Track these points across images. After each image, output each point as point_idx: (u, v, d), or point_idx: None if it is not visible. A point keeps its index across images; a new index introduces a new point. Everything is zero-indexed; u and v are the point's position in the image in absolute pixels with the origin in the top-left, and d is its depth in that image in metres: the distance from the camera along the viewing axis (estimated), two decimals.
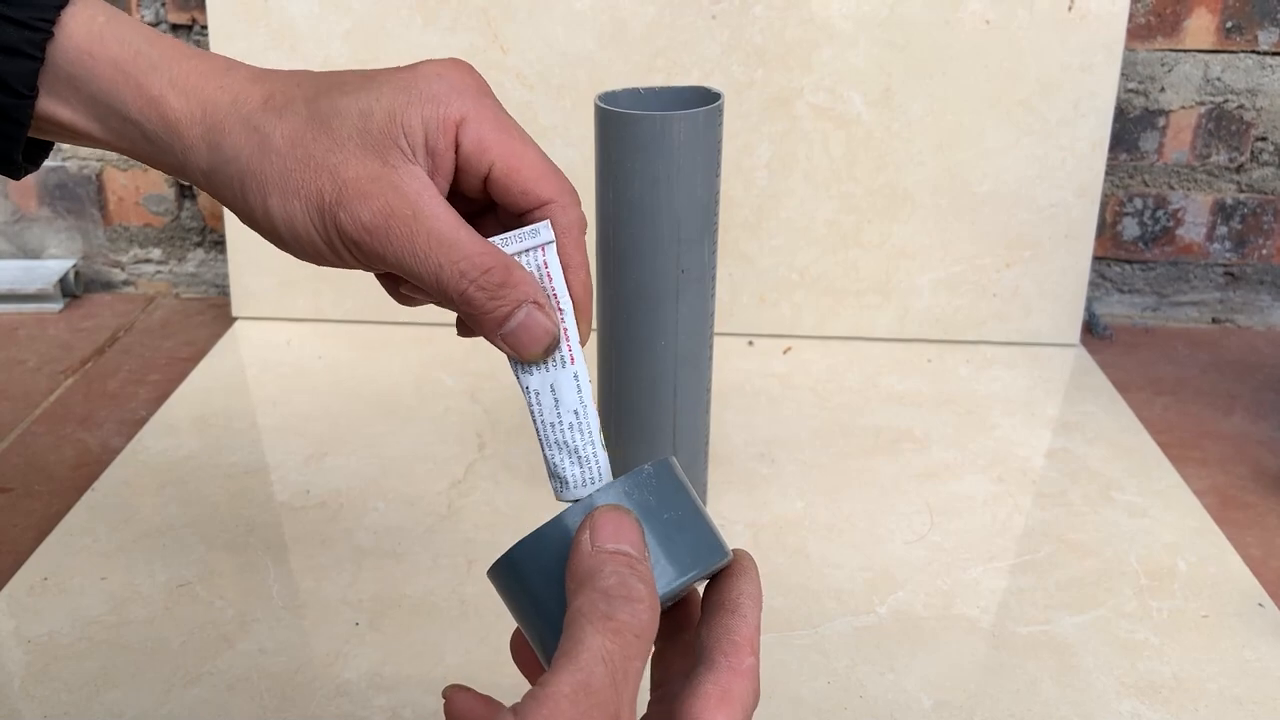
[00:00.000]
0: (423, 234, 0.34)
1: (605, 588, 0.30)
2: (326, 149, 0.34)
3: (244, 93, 0.35)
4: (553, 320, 0.35)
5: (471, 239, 0.34)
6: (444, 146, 0.34)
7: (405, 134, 0.34)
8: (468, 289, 0.34)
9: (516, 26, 0.83)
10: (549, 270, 0.36)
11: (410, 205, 0.34)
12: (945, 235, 0.86)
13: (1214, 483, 0.72)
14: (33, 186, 0.98)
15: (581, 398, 0.36)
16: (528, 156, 0.35)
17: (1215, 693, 0.53)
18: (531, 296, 0.35)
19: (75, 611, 0.58)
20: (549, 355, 0.36)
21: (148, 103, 0.35)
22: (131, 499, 0.68)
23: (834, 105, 0.83)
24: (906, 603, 0.59)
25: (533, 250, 0.36)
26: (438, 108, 0.34)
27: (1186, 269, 0.96)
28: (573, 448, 0.36)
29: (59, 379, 0.85)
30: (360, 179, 0.34)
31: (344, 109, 0.34)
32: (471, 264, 0.34)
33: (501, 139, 0.35)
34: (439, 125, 0.34)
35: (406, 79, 0.35)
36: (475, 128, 0.35)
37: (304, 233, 0.35)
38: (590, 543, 0.31)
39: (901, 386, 0.82)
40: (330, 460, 0.72)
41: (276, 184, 0.34)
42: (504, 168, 0.35)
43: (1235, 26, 0.88)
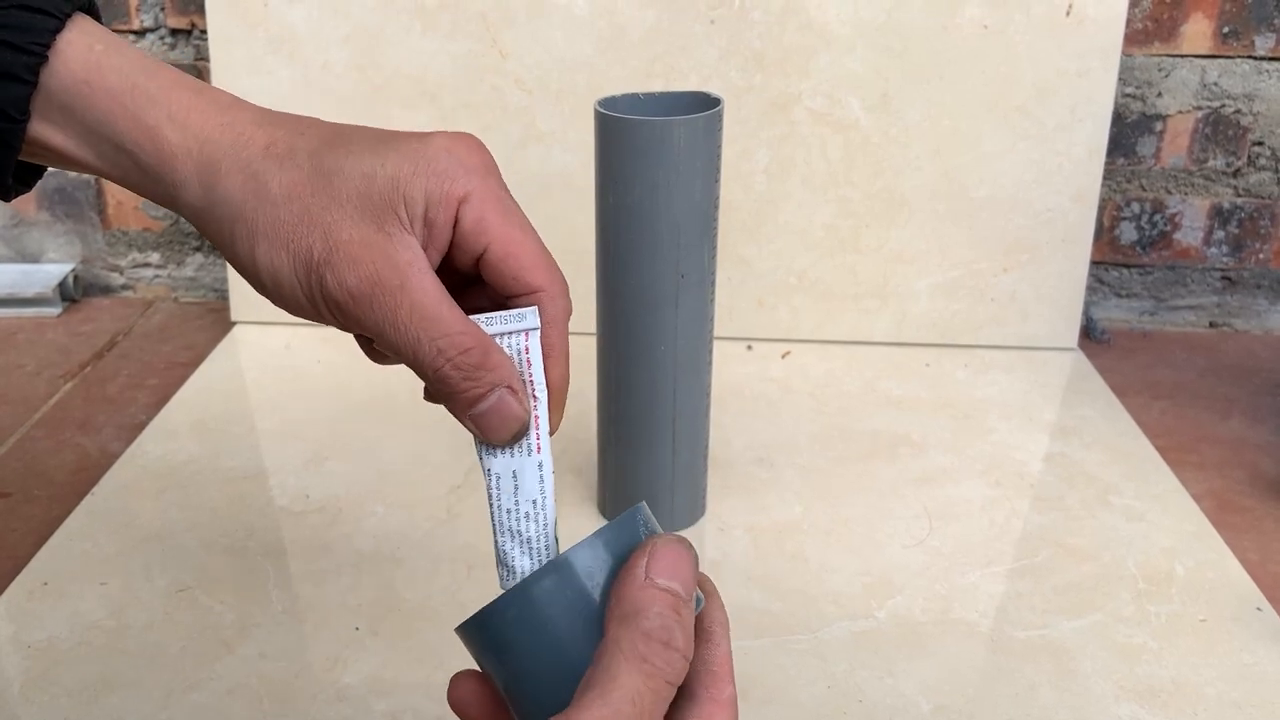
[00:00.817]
0: (406, 306, 0.33)
1: (648, 629, 0.29)
2: (323, 206, 0.34)
3: (246, 135, 0.35)
4: (524, 407, 0.35)
5: (454, 316, 0.34)
6: (443, 221, 0.34)
7: (406, 203, 0.34)
8: (443, 366, 0.34)
9: (515, 32, 0.83)
10: (529, 357, 0.35)
11: (399, 275, 0.33)
12: (943, 240, 0.87)
13: (1211, 487, 0.72)
14: (32, 191, 0.98)
15: (542, 488, 0.35)
16: (525, 243, 0.35)
17: (1213, 697, 0.53)
18: (506, 381, 0.34)
19: (75, 616, 0.58)
20: (516, 441, 0.35)
21: (143, 134, 0.35)
22: (131, 504, 0.68)
23: (832, 110, 0.84)
24: (905, 607, 0.59)
25: (516, 334, 0.35)
26: (442, 182, 0.34)
27: (1184, 273, 0.97)
28: (525, 538, 0.35)
29: (58, 383, 0.85)
30: (352, 242, 0.33)
31: (348, 169, 0.34)
32: (450, 342, 0.34)
33: (501, 222, 0.35)
34: (441, 199, 0.34)
35: (416, 148, 0.34)
36: (477, 207, 0.34)
37: (288, 286, 0.34)
38: (645, 572, 0.31)
39: (899, 391, 0.83)
40: (329, 465, 0.72)
41: (266, 233, 0.34)
42: (499, 252, 0.35)
43: (1232, 31, 0.88)
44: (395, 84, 0.84)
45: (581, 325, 0.74)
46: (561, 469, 0.71)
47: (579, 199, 0.86)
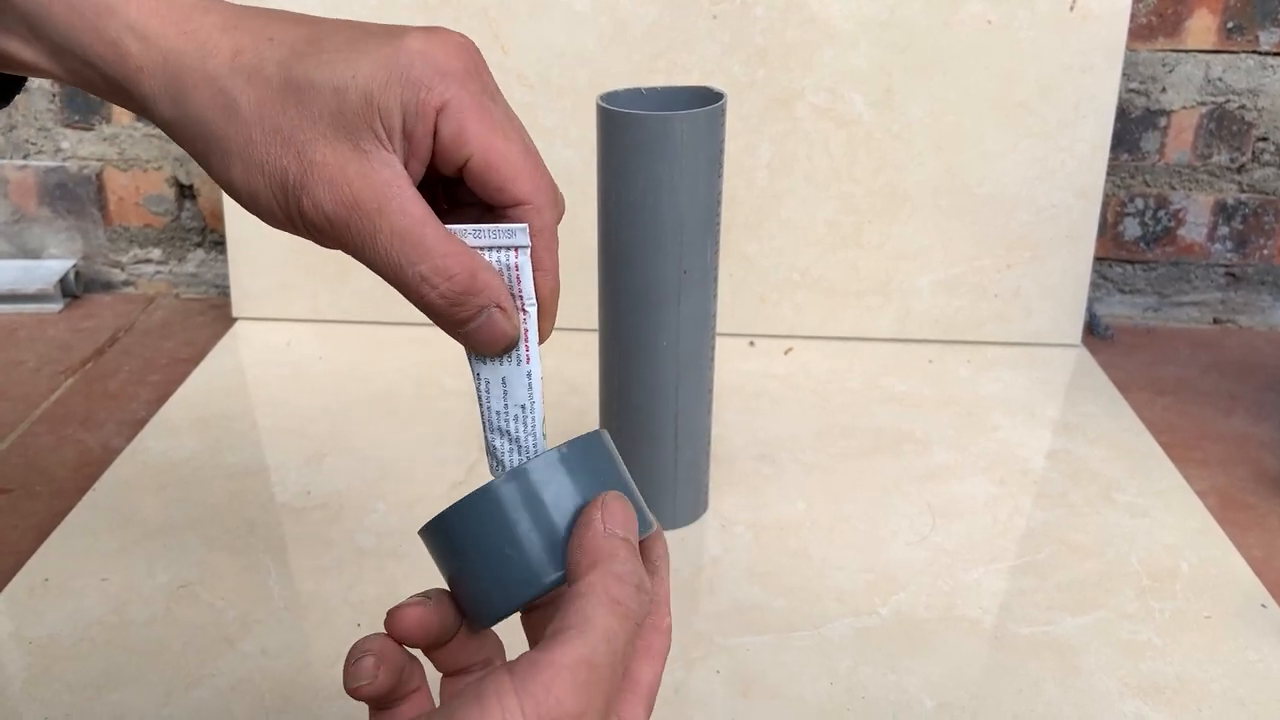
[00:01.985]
0: (385, 230, 0.32)
1: (620, 573, 0.30)
2: (295, 124, 0.32)
3: (211, 42, 0.33)
4: (514, 324, 0.34)
5: (438, 238, 0.33)
6: (422, 133, 0.32)
7: (381, 117, 0.32)
8: (428, 294, 0.33)
9: (517, 27, 0.82)
10: (519, 273, 0.34)
11: (377, 198, 0.32)
12: (946, 236, 0.86)
13: (1215, 483, 0.72)
14: (33, 187, 0.98)
15: (531, 395, 0.35)
16: (509, 152, 0.33)
17: (1218, 694, 0.53)
18: (495, 300, 0.34)
19: (76, 613, 0.58)
20: (506, 353, 0.35)
21: (106, 47, 0.32)
22: (132, 500, 0.68)
23: (835, 106, 0.83)
24: (908, 604, 0.59)
25: (505, 249, 0.34)
26: (418, 91, 0.32)
27: (1188, 269, 0.96)
28: (514, 436, 0.35)
29: (59, 379, 0.85)
30: (328, 163, 0.32)
31: (319, 82, 0.32)
32: (434, 268, 0.32)
33: (481, 130, 0.33)
34: (417, 110, 0.32)
35: (388, 54, 0.32)
36: (455, 116, 0.32)
37: (265, 205, 0.33)
38: (604, 524, 0.32)
39: (902, 387, 0.82)
40: (331, 461, 0.71)
41: (240, 154, 0.32)
42: (481, 163, 0.33)
43: (1236, 27, 0.88)
44: None
45: (584, 321, 0.74)
46: None
47: (581, 195, 0.85)
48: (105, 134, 0.96)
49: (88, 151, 0.97)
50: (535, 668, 0.28)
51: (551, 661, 0.28)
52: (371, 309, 0.89)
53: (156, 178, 0.98)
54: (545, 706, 0.27)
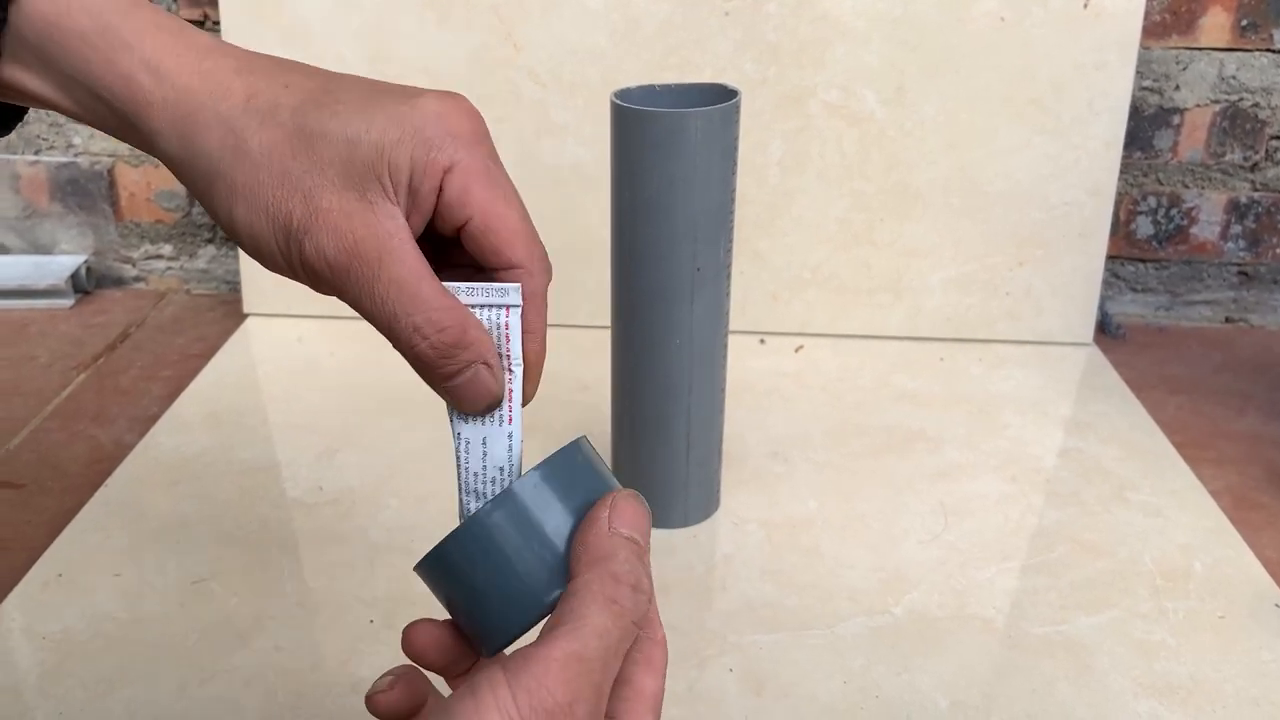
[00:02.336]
0: (384, 280, 0.33)
1: (616, 571, 0.31)
2: (304, 169, 0.33)
3: (225, 85, 0.33)
4: (499, 382, 0.35)
5: (432, 292, 0.33)
6: (427, 190, 0.33)
7: (390, 171, 0.33)
8: (419, 345, 0.33)
9: (529, 24, 0.82)
10: (508, 332, 0.35)
11: (379, 248, 0.33)
12: (957, 234, 0.86)
13: (1228, 483, 0.72)
14: (44, 182, 0.99)
15: (510, 456, 0.35)
16: (508, 218, 0.34)
17: (1232, 694, 0.53)
18: (482, 357, 0.34)
19: (89, 608, 0.58)
20: (489, 412, 0.35)
21: (117, 79, 0.33)
22: (144, 495, 0.68)
23: (847, 103, 0.83)
24: (921, 603, 0.59)
25: (497, 308, 0.35)
26: (428, 150, 0.33)
27: (1200, 268, 0.96)
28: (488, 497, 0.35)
29: (71, 375, 0.85)
30: (333, 210, 0.32)
31: (332, 132, 0.33)
32: (427, 320, 0.33)
33: (484, 196, 0.34)
34: (425, 168, 0.33)
35: (403, 112, 0.33)
36: (461, 178, 0.33)
37: (266, 247, 0.34)
38: (609, 523, 0.32)
39: (913, 385, 0.82)
40: (342, 457, 0.72)
41: (245, 194, 0.33)
42: (481, 225, 0.34)
43: (1251, 25, 0.87)
44: (408, 77, 0.84)
45: (596, 319, 0.74)
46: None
47: (593, 192, 0.85)
48: None
49: (99, 147, 0.97)
50: (528, 662, 0.29)
51: (543, 656, 0.29)
52: None
53: (168, 174, 0.98)
54: (537, 697, 0.28)
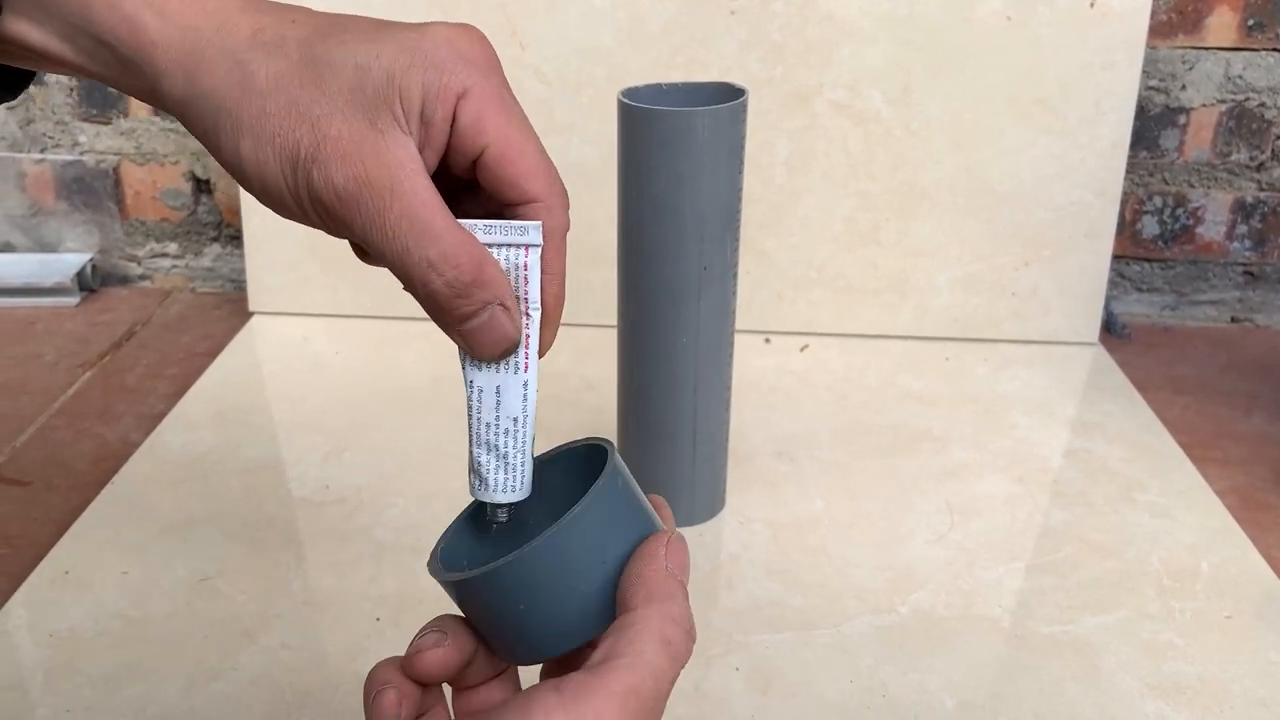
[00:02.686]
0: (395, 211, 0.31)
1: (674, 614, 0.31)
2: (312, 98, 0.31)
3: (231, 21, 0.32)
4: (516, 326, 0.33)
5: (448, 226, 0.32)
6: (440, 118, 0.32)
7: (401, 98, 0.31)
8: (433, 281, 0.32)
9: (535, 22, 0.82)
10: (527, 274, 0.33)
11: (389, 177, 0.31)
12: (963, 234, 0.86)
13: (1235, 483, 0.72)
14: (50, 180, 0.99)
15: (525, 406, 0.34)
16: (526, 148, 0.33)
17: (1240, 694, 0.53)
18: (500, 298, 0.33)
19: (96, 605, 0.58)
20: (505, 358, 0.34)
21: (121, 23, 0.32)
22: (151, 493, 0.68)
23: (853, 103, 0.83)
24: (928, 602, 0.59)
25: (515, 248, 0.33)
26: (440, 75, 0.31)
27: (1206, 268, 0.96)
28: (502, 452, 0.34)
29: (76, 373, 0.85)
30: (342, 138, 0.31)
31: (339, 59, 0.31)
32: (442, 256, 0.32)
33: (500, 123, 0.32)
34: (438, 94, 0.31)
35: (413, 39, 0.32)
36: (476, 104, 0.32)
37: (273, 183, 0.32)
38: (666, 561, 0.32)
39: (920, 385, 0.82)
40: (348, 456, 0.72)
41: (252, 126, 0.32)
42: (497, 154, 0.32)
43: (1257, 24, 0.87)
44: None
45: (603, 318, 0.74)
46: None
47: (599, 191, 0.85)
48: (122, 128, 0.97)
49: (105, 145, 0.97)
50: (586, 691, 0.28)
51: (603, 687, 0.28)
52: (389, 304, 0.89)
53: (173, 172, 0.98)
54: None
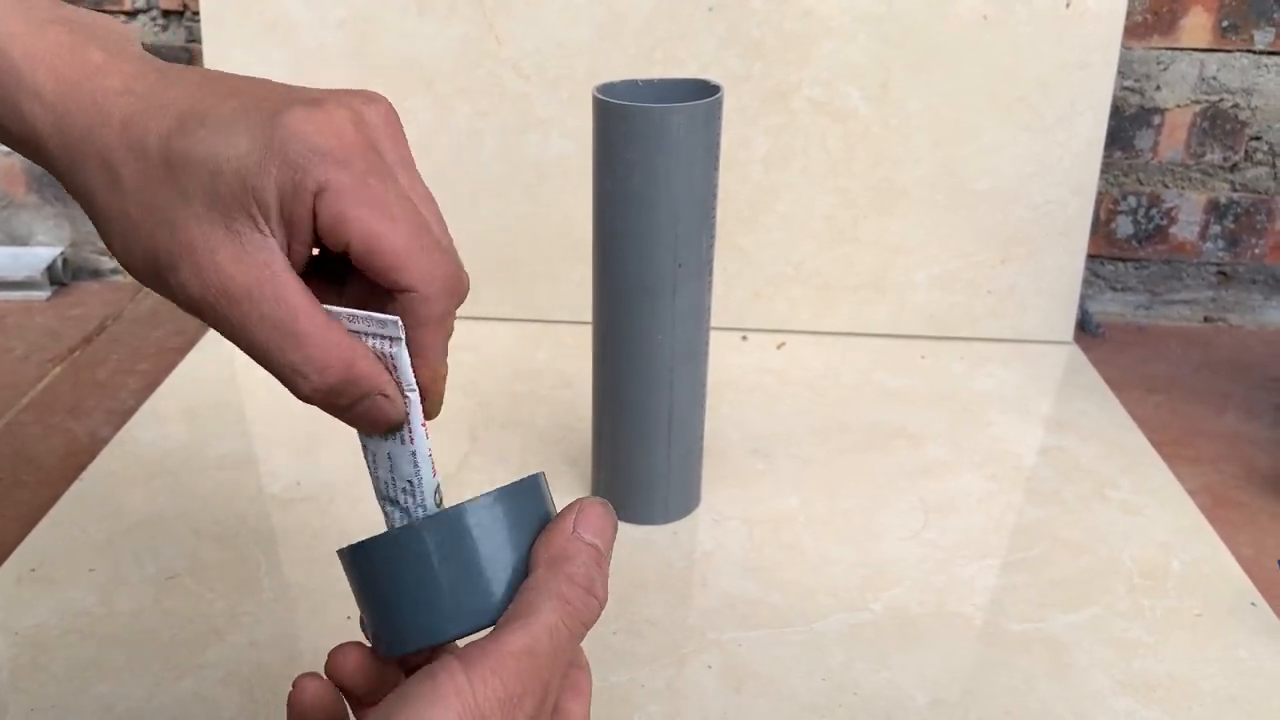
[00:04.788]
0: (256, 317, 0.31)
1: (572, 573, 0.32)
2: (169, 202, 0.31)
3: (105, 110, 0.32)
4: (398, 409, 0.33)
5: (313, 329, 0.31)
6: (301, 215, 0.31)
7: (256, 200, 0.30)
8: (301, 385, 0.32)
9: (513, 17, 0.82)
10: (395, 362, 0.33)
11: (248, 284, 0.31)
12: (941, 231, 0.86)
13: (1206, 482, 0.72)
14: (20, 173, 0.97)
15: (417, 471, 0.35)
16: (395, 238, 0.31)
17: (1209, 691, 0.53)
18: (376, 389, 0.33)
19: (63, 603, 0.57)
20: (394, 435, 0.34)
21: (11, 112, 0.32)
22: (120, 490, 0.67)
23: (831, 100, 0.83)
24: (901, 599, 0.59)
25: (381, 338, 0.33)
26: (294, 173, 0.30)
27: (1179, 267, 0.96)
28: (403, 507, 0.35)
29: (46, 368, 0.84)
30: (195, 246, 0.31)
31: (196, 158, 0.31)
32: (307, 360, 0.31)
33: (360, 217, 0.31)
34: (294, 193, 0.30)
35: (268, 131, 0.31)
36: (333, 201, 0.31)
37: (146, 280, 0.32)
38: (573, 526, 0.33)
39: (896, 383, 0.82)
40: (321, 452, 0.71)
41: (119, 228, 0.32)
42: (361, 249, 0.31)
43: (1231, 26, 0.88)
44: (391, 69, 0.83)
45: (579, 314, 0.74)
46: (555, 458, 0.71)
47: (576, 186, 0.85)
48: None
49: None
50: (484, 653, 0.29)
51: (498, 649, 0.29)
52: None
53: None
54: (491, 686, 0.29)
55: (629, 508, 0.64)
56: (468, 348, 0.82)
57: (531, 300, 0.88)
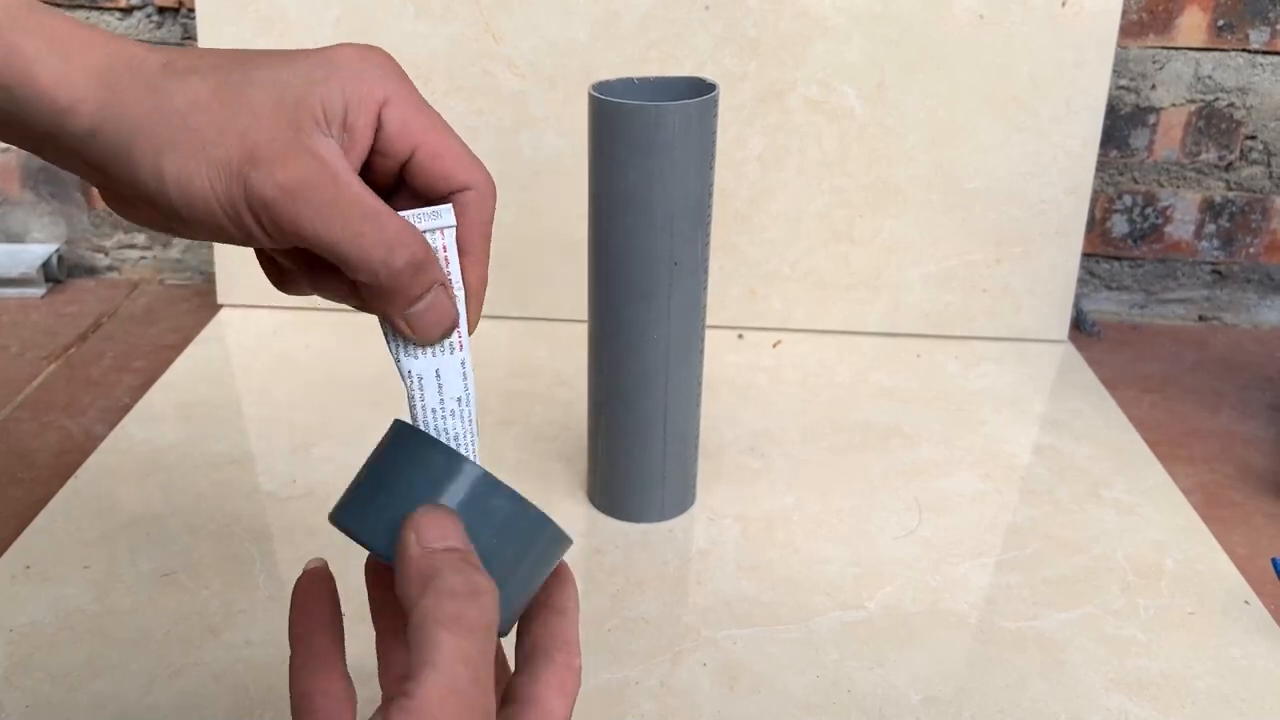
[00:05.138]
0: (344, 201, 0.32)
1: (449, 588, 0.30)
2: (235, 113, 0.32)
3: (139, 56, 0.32)
4: (454, 304, 0.35)
5: (390, 213, 0.33)
6: (364, 124, 0.33)
7: (324, 107, 0.32)
8: (395, 262, 0.33)
9: (509, 15, 0.82)
10: (448, 255, 0.35)
11: (329, 172, 0.32)
12: (936, 230, 0.86)
13: (1201, 481, 0.73)
14: (16, 170, 0.97)
15: (466, 384, 0.36)
16: (454, 144, 0.35)
17: (1203, 690, 0.53)
18: (441, 278, 0.34)
19: (58, 601, 0.57)
20: (445, 339, 0.35)
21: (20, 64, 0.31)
22: (115, 488, 0.67)
23: (827, 99, 0.83)
24: (895, 598, 0.59)
25: (435, 231, 0.35)
26: (360, 84, 0.33)
27: (1174, 267, 0.97)
28: (451, 435, 0.35)
29: (41, 365, 0.84)
30: (273, 143, 0.31)
31: (257, 78, 0.32)
32: (397, 237, 0.33)
33: (425, 124, 0.34)
34: (360, 102, 0.33)
35: (326, 56, 0.33)
36: (400, 109, 0.33)
37: (200, 196, 0.32)
38: (418, 544, 0.31)
39: (891, 382, 0.82)
40: (316, 450, 0.71)
41: (174, 142, 0.31)
42: (429, 152, 0.34)
43: (1227, 25, 0.88)
44: None
45: (575, 313, 0.74)
46: (550, 456, 0.71)
47: (571, 185, 0.85)
48: None
49: None
50: (405, 713, 0.28)
51: (418, 705, 0.28)
52: None
53: None
54: None
55: (624, 506, 0.64)
56: None
57: (527, 298, 0.88)
